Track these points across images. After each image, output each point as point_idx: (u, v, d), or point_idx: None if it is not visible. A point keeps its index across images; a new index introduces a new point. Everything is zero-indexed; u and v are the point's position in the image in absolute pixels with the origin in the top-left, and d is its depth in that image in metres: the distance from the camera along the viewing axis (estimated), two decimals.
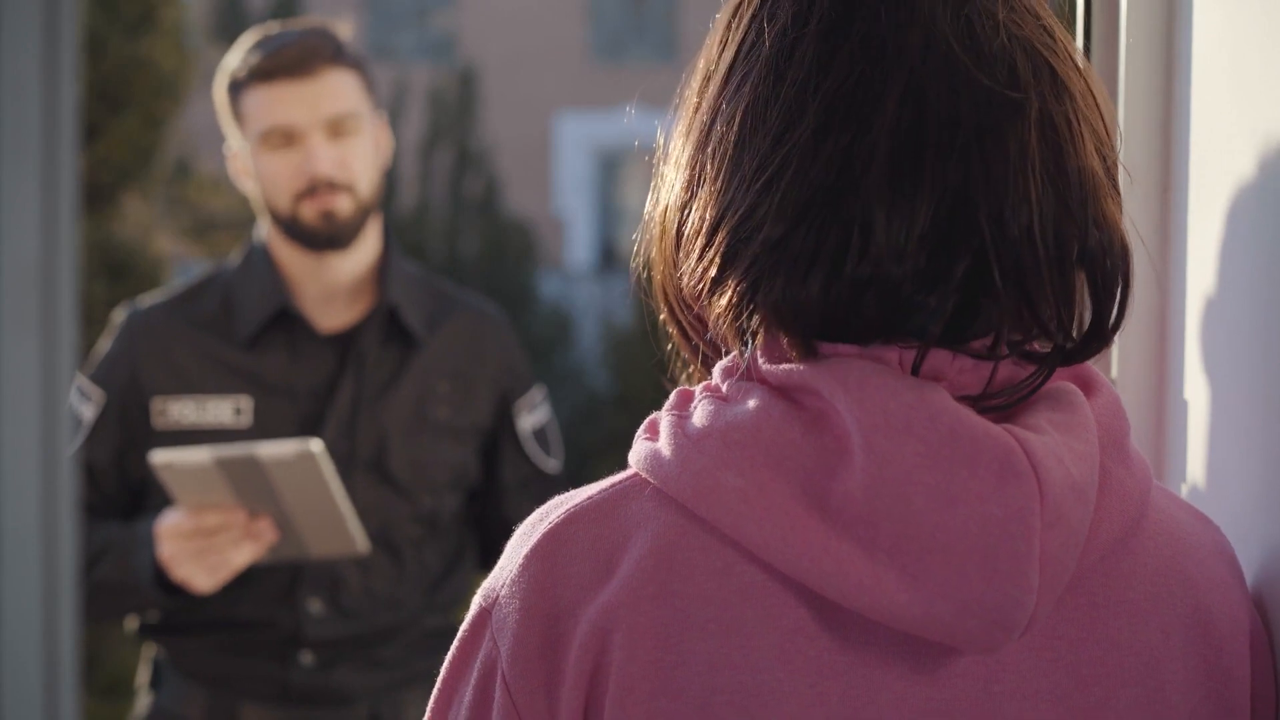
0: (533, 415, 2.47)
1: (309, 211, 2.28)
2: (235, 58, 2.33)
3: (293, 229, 2.31)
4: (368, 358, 2.35)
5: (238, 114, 2.32)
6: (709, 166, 0.97)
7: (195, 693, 2.32)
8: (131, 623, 2.38)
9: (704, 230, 0.96)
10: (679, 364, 1.09)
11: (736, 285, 0.94)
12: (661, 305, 1.05)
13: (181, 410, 2.31)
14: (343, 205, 2.28)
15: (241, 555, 2.17)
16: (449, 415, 2.39)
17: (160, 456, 2.13)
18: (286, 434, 2.28)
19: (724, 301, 0.95)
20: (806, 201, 0.92)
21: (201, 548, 2.15)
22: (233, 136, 2.35)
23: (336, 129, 2.27)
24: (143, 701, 2.41)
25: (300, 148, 2.27)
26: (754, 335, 0.96)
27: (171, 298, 2.41)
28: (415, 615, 2.37)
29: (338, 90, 2.27)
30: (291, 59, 2.26)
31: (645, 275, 1.06)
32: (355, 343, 2.35)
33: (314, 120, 2.26)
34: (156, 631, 2.36)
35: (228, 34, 9.11)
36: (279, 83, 2.26)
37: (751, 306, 0.94)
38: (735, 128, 0.95)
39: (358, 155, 2.29)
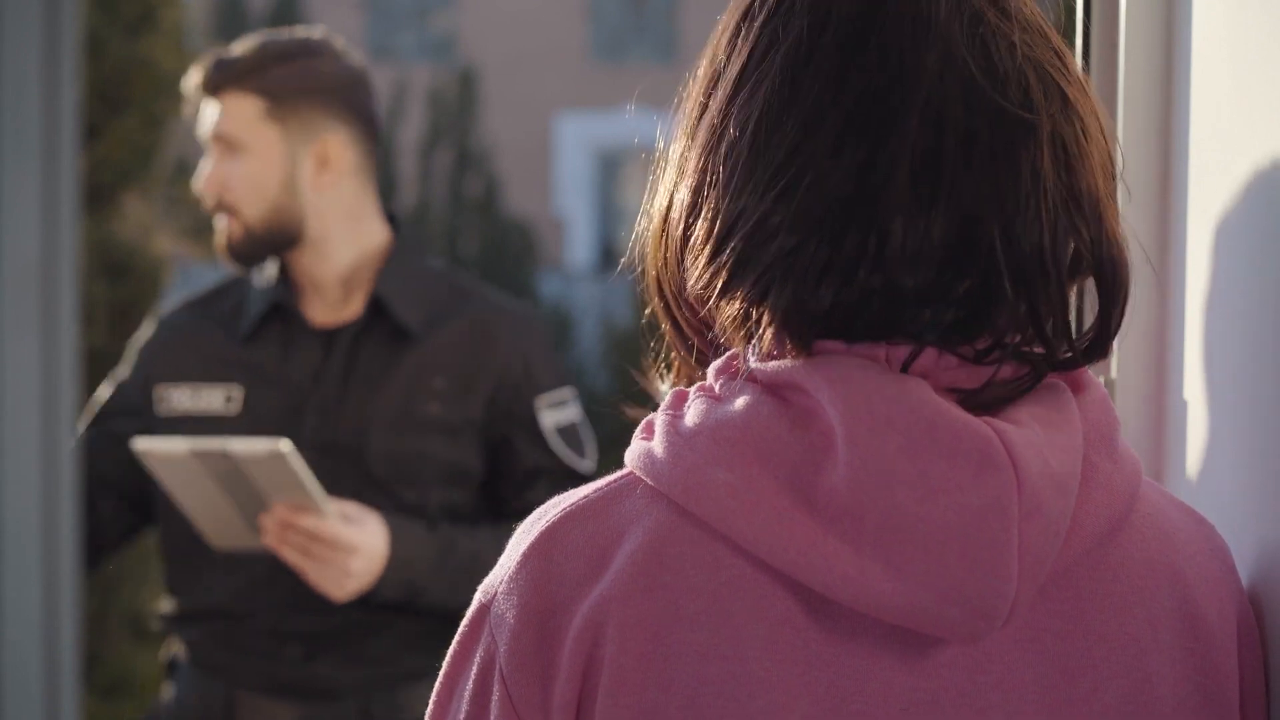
0: (557, 412, 2.43)
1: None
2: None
3: None
4: (357, 350, 2.37)
5: None
6: (721, 171, 0.97)
7: (200, 682, 2.37)
8: (164, 607, 2.43)
9: (714, 236, 0.97)
10: (660, 364, 1.10)
11: (747, 292, 0.95)
12: (656, 301, 1.06)
13: (178, 397, 2.39)
14: (229, 227, 2.36)
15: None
16: (442, 412, 2.37)
17: (140, 444, 2.19)
18: (273, 421, 2.32)
19: (734, 308, 0.97)
20: (823, 213, 0.93)
21: None
22: None
23: (227, 147, 2.35)
24: (165, 691, 2.47)
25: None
26: (761, 339, 0.97)
27: (194, 298, 2.50)
28: (395, 610, 2.34)
29: (230, 112, 2.34)
30: (208, 75, 2.35)
31: (642, 272, 1.07)
32: (344, 335, 2.38)
33: (208, 137, 2.36)
34: (172, 622, 2.41)
35: (228, 34, 9.11)
36: (203, 98, 2.39)
37: (761, 312, 0.96)
38: (749, 134, 0.96)
39: (239, 178, 2.34)
